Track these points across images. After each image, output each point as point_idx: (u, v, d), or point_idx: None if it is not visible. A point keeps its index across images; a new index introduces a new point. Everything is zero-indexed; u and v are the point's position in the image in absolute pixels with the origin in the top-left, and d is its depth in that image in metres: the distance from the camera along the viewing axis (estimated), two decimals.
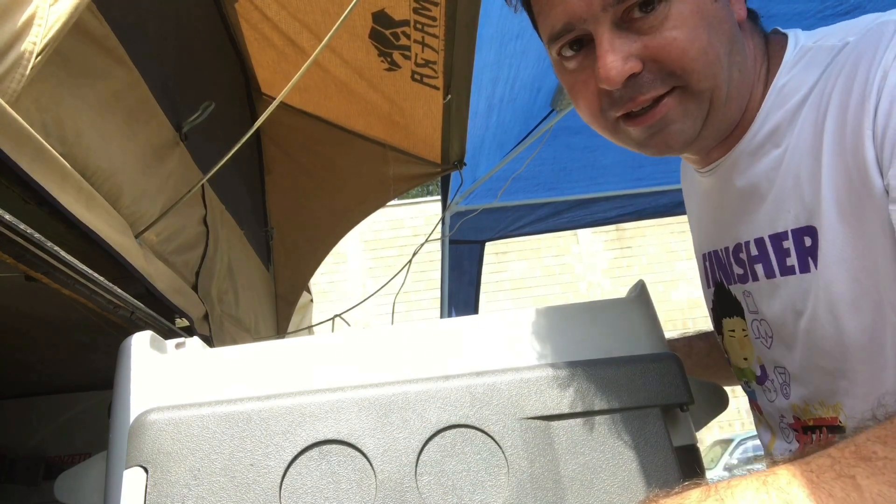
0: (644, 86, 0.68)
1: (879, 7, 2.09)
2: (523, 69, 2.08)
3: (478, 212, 2.88)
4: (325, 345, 0.79)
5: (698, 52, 0.66)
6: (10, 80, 0.85)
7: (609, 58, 0.66)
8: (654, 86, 0.68)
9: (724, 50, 0.68)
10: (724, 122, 0.73)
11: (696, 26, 0.66)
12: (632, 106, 0.70)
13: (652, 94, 0.69)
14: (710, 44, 0.67)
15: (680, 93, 0.69)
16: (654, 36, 0.66)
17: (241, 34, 2.21)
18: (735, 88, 0.71)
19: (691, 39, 0.66)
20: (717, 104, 0.70)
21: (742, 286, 0.83)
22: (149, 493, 0.66)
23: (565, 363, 0.74)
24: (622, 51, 0.66)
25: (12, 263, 0.83)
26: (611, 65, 0.66)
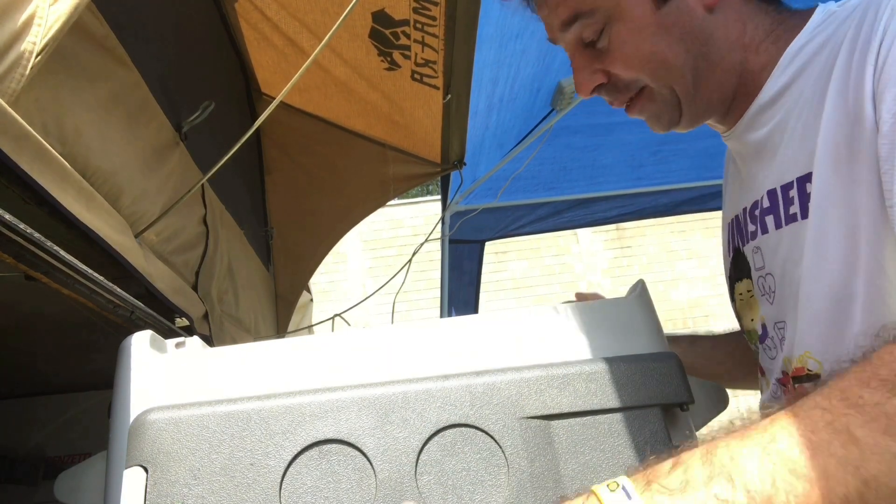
0: (613, 92, 0.81)
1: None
2: (523, 69, 2.09)
3: (478, 211, 2.88)
4: (325, 345, 0.79)
5: (642, 61, 0.77)
6: (9, 80, 0.85)
7: (577, 75, 0.81)
8: (620, 92, 0.81)
9: (673, 51, 0.76)
10: (707, 99, 0.80)
11: (636, 41, 0.76)
12: (617, 105, 0.83)
13: (620, 98, 0.82)
14: (652, 52, 0.76)
15: (646, 92, 0.80)
16: (606, 55, 0.78)
17: (241, 34, 2.21)
18: (704, 74, 0.78)
19: (633, 53, 0.77)
20: (683, 92, 0.79)
21: (753, 243, 0.85)
22: (149, 493, 0.66)
23: (565, 363, 0.74)
24: (587, 68, 0.80)
25: (12, 263, 0.83)
26: (579, 80, 0.81)
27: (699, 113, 0.81)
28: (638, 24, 0.76)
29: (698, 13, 0.76)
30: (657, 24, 0.76)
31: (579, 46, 0.80)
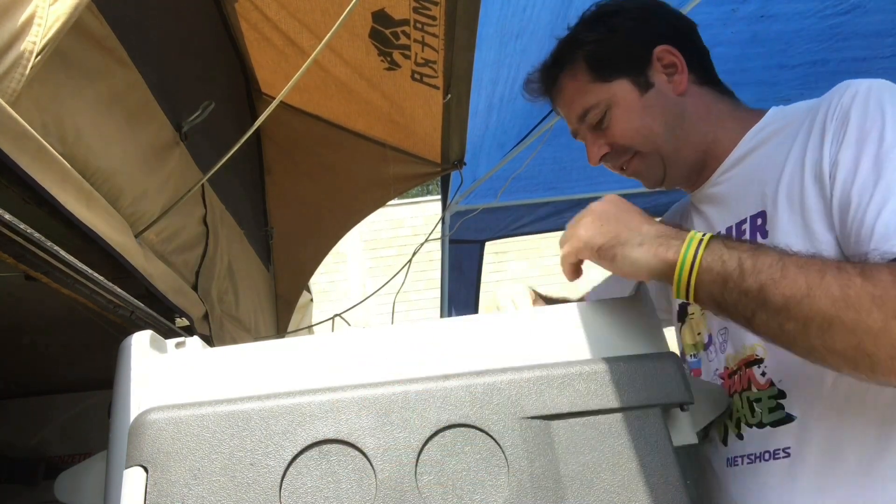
0: (614, 158, 1.08)
1: (879, 7, 2.09)
2: (523, 69, 2.08)
3: (478, 211, 2.88)
4: (325, 345, 0.79)
5: (634, 133, 1.04)
6: (9, 80, 0.85)
7: (590, 150, 1.10)
8: (619, 157, 1.08)
9: (657, 124, 1.03)
10: (684, 162, 1.05)
11: (630, 118, 1.03)
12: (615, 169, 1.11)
13: (619, 162, 1.08)
14: (641, 126, 1.03)
15: (637, 156, 1.06)
16: (608, 132, 1.06)
17: (241, 34, 2.21)
18: (681, 141, 1.03)
19: (627, 128, 1.04)
20: (666, 154, 1.04)
21: None
22: (149, 493, 0.66)
23: (565, 363, 0.74)
24: (595, 143, 1.08)
25: (12, 263, 0.83)
26: (591, 153, 1.10)
27: (680, 172, 1.06)
28: (628, 108, 1.03)
29: (672, 97, 1.03)
30: (642, 106, 1.03)
31: (590, 129, 1.08)
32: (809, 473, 0.81)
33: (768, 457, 0.86)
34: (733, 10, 1.91)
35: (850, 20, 2.04)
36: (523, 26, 1.87)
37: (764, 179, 0.92)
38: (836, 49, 2.13)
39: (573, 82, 1.08)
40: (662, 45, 1.04)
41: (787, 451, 0.84)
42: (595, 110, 1.05)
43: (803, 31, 2.07)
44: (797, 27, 2.05)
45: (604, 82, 1.04)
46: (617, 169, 1.10)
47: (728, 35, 2.05)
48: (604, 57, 1.05)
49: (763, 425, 0.87)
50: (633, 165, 1.07)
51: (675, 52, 1.04)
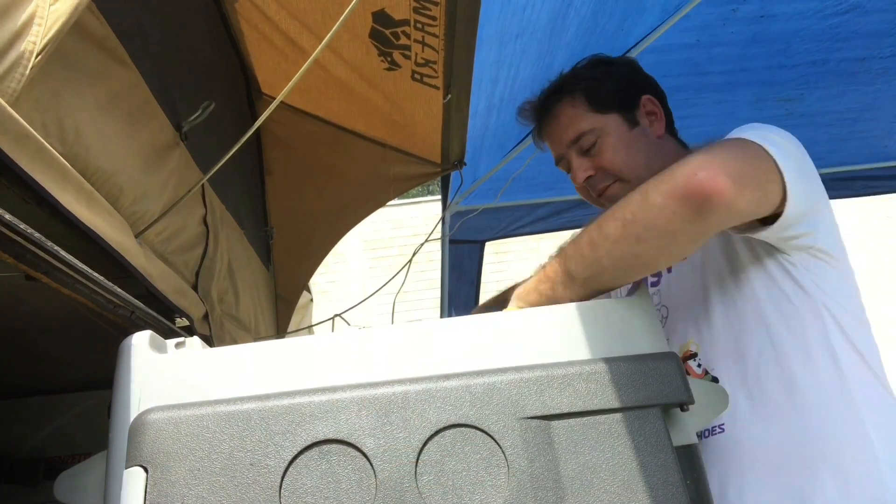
0: (597, 181, 1.21)
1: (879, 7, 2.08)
2: (523, 69, 2.08)
3: (478, 212, 2.88)
4: (324, 345, 0.79)
5: (621, 160, 1.17)
6: (10, 80, 0.85)
7: (575, 172, 1.22)
8: (601, 182, 1.20)
9: (640, 154, 1.17)
10: None
11: (618, 147, 1.18)
12: (595, 194, 1.22)
13: (601, 185, 1.20)
14: (628, 153, 1.18)
15: (618, 182, 1.18)
16: (596, 157, 1.19)
17: (241, 34, 2.21)
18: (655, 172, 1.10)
19: (616, 155, 1.18)
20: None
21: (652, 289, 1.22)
22: (149, 493, 0.66)
23: (565, 363, 0.74)
24: (582, 166, 1.21)
25: (12, 263, 0.83)
26: (576, 174, 1.22)
27: None
28: (618, 138, 1.18)
29: (653, 138, 1.21)
30: (630, 139, 1.19)
31: (578, 154, 1.21)
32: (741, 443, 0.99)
33: (707, 434, 1.03)
34: (733, 10, 1.91)
35: (850, 20, 2.04)
36: (523, 27, 1.87)
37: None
38: (836, 49, 2.13)
39: (572, 109, 1.22)
40: (647, 95, 1.23)
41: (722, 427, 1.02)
42: (589, 135, 1.19)
43: (803, 30, 2.07)
44: (797, 27, 2.05)
45: (599, 113, 1.19)
46: (594, 192, 1.22)
47: (728, 35, 2.05)
48: (601, 92, 1.21)
49: None
50: (612, 190, 1.19)
51: (657, 103, 1.23)
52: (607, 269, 0.88)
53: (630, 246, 0.86)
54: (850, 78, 2.27)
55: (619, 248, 0.87)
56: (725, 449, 1.02)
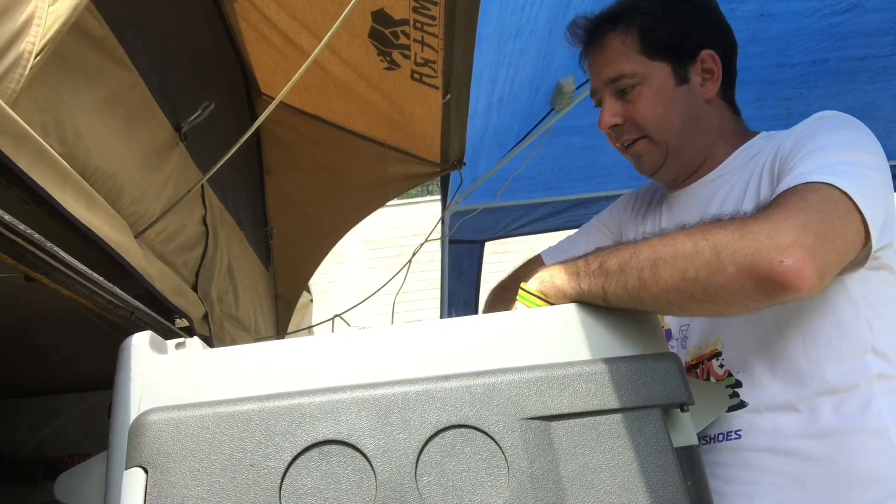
0: (623, 132, 1.12)
1: (878, 6, 2.09)
2: (522, 68, 2.08)
3: (477, 211, 2.88)
4: (325, 345, 0.79)
5: (655, 117, 1.07)
6: (9, 80, 0.85)
7: (603, 114, 1.11)
8: (628, 133, 1.11)
9: (678, 118, 1.08)
10: (683, 161, 1.11)
11: (656, 102, 1.07)
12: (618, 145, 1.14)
13: (625, 138, 1.12)
14: (664, 114, 1.07)
15: (646, 139, 1.10)
16: (630, 105, 1.09)
17: (241, 34, 2.21)
18: (689, 142, 1.09)
19: (651, 110, 1.07)
20: (672, 149, 1.09)
21: None
22: (149, 494, 0.66)
23: (565, 363, 0.74)
24: (611, 110, 1.10)
25: (12, 263, 0.83)
26: (603, 117, 1.11)
27: (675, 169, 1.12)
28: (660, 91, 1.07)
29: (699, 101, 1.09)
30: (672, 96, 1.07)
31: (612, 95, 1.10)
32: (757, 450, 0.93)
33: (721, 438, 0.97)
34: (733, 9, 1.91)
35: (849, 19, 2.04)
36: (522, 26, 1.87)
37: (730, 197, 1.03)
38: (836, 48, 2.13)
39: (621, 45, 1.09)
40: (709, 50, 1.09)
41: (739, 433, 0.95)
42: (629, 79, 1.07)
43: (803, 30, 2.07)
44: (796, 26, 2.05)
45: (648, 58, 1.07)
46: (618, 142, 1.12)
47: None
48: (657, 35, 1.07)
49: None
50: (638, 146, 1.10)
51: (718, 60, 1.09)
52: (646, 306, 0.80)
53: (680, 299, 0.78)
54: (850, 77, 2.27)
55: (667, 297, 0.78)
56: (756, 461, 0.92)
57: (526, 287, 0.89)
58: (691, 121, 1.08)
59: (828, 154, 0.88)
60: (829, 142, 0.90)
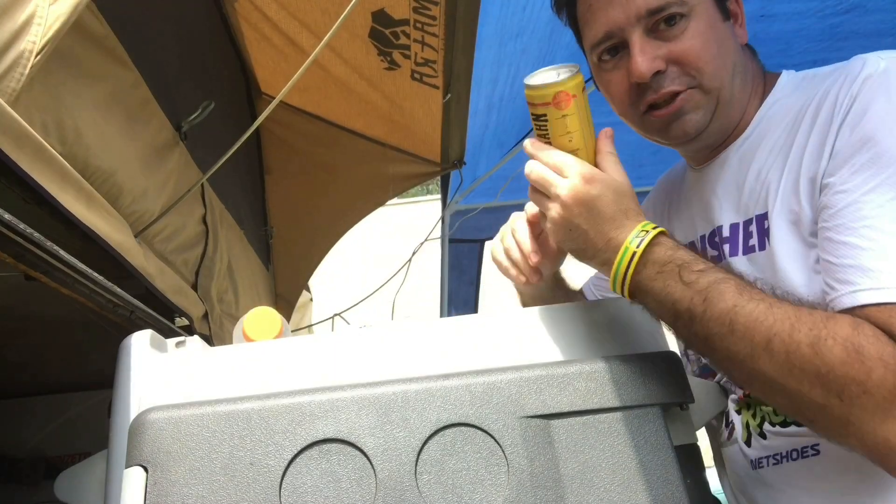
0: (666, 81, 0.85)
1: (879, 6, 2.08)
2: (523, 68, 2.08)
3: (477, 211, 2.88)
4: (324, 344, 0.79)
5: (710, 57, 0.85)
6: (9, 80, 0.85)
7: (639, 58, 0.84)
8: (673, 83, 0.85)
9: (729, 60, 0.87)
10: (727, 119, 0.90)
11: (708, 38, 0.84)
12: (655, 98, 0.86)
13: (672, 88, 0.85)
14: (718, 53, 0.85)
15: (693, 91, 0.86)
16: (676, 43, 0.84)
17: (241, 34, 2.21)
18: (737, 92, 0.89)
19: (705, 48, 0.84)
20: (722, 102, 0.87)
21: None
22: (149, 493, 0.65)
23: (565, 362, 0.74)
24: (650, 52, 0.84)
25: (12, 263, 0.83)
26: (641, 62, 0.84)
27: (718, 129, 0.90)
28: (710, 26, 0.86)
29: (738, 43, 0.90)
30: (721, 32, 0.87)
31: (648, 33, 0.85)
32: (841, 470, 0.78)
33: (796, 455, 0.83)
34: None
35: (850, 20, 2.04)
36: (523, 26, 1.87)
37: (768, 177, 0.85)
38: (836, 49, 2.13)
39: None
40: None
41: (817, 447, 0.80)
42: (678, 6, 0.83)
43: (803, 30, 2.07)
44: (797, 27, 2.05)
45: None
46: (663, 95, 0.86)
47: None
48: None
49: (787, 424, 0.83)
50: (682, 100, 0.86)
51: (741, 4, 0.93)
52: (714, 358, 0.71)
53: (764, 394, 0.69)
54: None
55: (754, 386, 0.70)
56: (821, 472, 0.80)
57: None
58: (739, 65, 0.88)
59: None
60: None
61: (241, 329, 0.84)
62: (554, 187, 0.76)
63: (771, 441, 0.86)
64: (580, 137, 0.78)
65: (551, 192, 0.76)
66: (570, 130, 0.77)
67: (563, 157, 0.77)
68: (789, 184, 0.82)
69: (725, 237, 0.91)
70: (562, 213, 0.76)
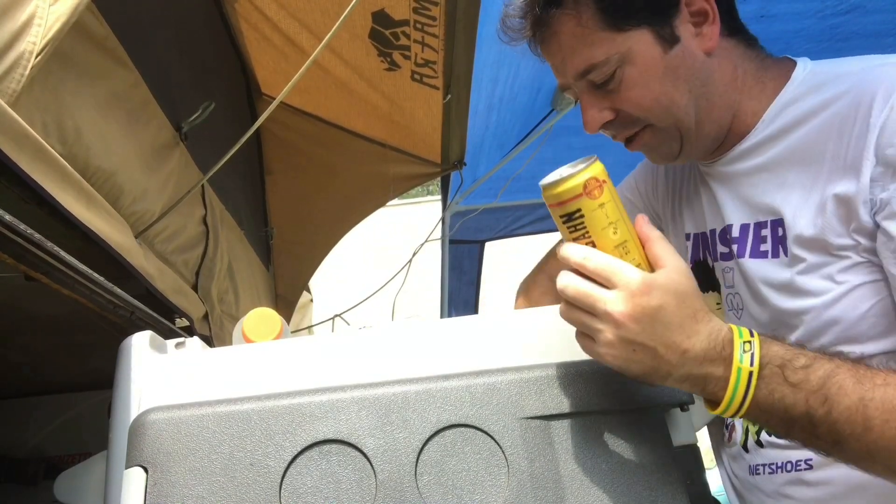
0: (618, 128, 0.87)
1: (879, 7, 2.08)
2: (523, 69, 2.08)
3: (478, 211, 2.88)
4: (325, 345, 0.79)
5: (651, 102, 0.83)
6: (9, 80, 0.85)
7: (586, 115, 0.87)
8: (625, 128, 0.87)
9: (679, 91, 0.83)
10: (704, 137, 0.87)
11: (645, 83, 0.82)
12: (619, 139, 0.89)
13: (625, 133, 0.88)
14: (661, 92, 0.83)
15: (650, 129, 0.86)
16: (616, 96, 0.84)
17: (241, 34, 2.21)
18: (704, 112, 0.85)
19: (644, 94, 0.83)
20: (686, 131, 0.85)
21: (724, 263, 0.93)
22: (149, 493, 0.65)
23: (565, 363, 0.74)
24: (596, 106, 0.86)
25: (12, 263, 0.83)
26: (588, 117, 0.86)
27: (697, 147, 0.88)
28: (648, 67, 0.82)
29: (699, 57, 0.84)
30: (665, 66, 0.82)
31: (590, 88, 0.85)
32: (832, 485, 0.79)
33: (790, 467, 0.83)
34: None
35: (850, 20, 2.03)
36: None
37: (789, 181, 0.82)
38: (836, 49, 2.13)
39: (576, 28, 0.82)
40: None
41: (810, 462, 0.81)
42: (603, 68, 0.82)
43: (803, 31, 2.07)
44: (797, 27, 2.05)
45: (618, 31, 0.81)
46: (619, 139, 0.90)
47: None
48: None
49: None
50: (643, 139, 0.87)
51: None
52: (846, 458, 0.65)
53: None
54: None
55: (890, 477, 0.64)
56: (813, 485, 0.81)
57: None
58: (699, 86, 0.84)
59: None
60: None
61: (240, 330, 0.84)
62: (602, 303, 0.63)
63: (767, 450, 0.87)
64: (624, 227, 0.66)
65: (598, 310, 0.63)
66: (613, 220, 0.65)
67: (607, 261, 0.64)
68: (815, 196, 0.78)
69: (735, 237, 0.89)
70: (619, 333, 0.63)
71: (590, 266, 0.64)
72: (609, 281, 0.63)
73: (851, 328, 0.77)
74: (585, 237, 0.66)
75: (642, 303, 0.62)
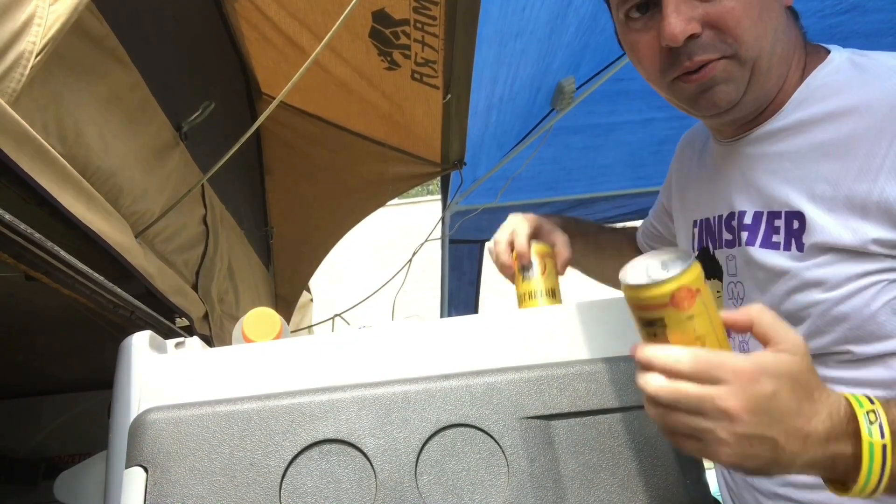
0: (700, 47, 0.77)
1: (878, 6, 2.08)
2: (523, 68, 2.08)
3: (478, 211, 2.88)
4: (325, 345, 0.79)
5: (750, 22, 0.75)
6: (9, 80, 0.85)
7: (673, 18, 0.76)
8: (708, 49, 0.77)
9: (770, 26, 0.77)
10: (762, 92, 0.81)
11: (751, 4, 0.75)
12: (689, 66, 0.78)
13: (706, 56, 0.77)
14: (760, 18, 0.76)
15: (728, 60, 0.77)
16: (714, 4, 0.75)
17: (241, 34, 2.21)
18: (776, 62, 0.79)
19: (746, 11, 0.75)
20: (758, 73, 0.79)
21: (728, 250, 0.90)
22: (149, 493, 0.66)
23: (565, 363, 0.74)
24: (685, 14, 0.76)
25: (12, 263, 0.83)
26: (675, 25, 0.75)
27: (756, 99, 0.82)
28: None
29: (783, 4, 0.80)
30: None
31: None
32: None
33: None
34: None
35: (850, 20, 2.04)
36: (523, 26, 1.87)
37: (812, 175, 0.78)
38: None
39: None
40: None
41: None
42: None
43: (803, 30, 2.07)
44: None
45: None
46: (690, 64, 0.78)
47: None
48: None
49: None
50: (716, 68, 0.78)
51: None
52: None
53: None
54: None
55: None
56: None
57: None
58: (780, 31, 0.78)
59: None
60: None
61: (240, 330, 0.84)
62: (709, 401, 0.56)
63: None
64: (714, 339, 0.59)
65: (706, 409, 0.56)
66: (701, 334, 0.58)
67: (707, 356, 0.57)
68: (840, 195, 0.75)
69: (746, 224, 0.86)
70: (733, 429, 0.56)
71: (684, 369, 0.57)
72: (713, 377, 0.57)
73: (859, 327, 0.76)
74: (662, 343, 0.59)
75: (755, 392, 0.56)
